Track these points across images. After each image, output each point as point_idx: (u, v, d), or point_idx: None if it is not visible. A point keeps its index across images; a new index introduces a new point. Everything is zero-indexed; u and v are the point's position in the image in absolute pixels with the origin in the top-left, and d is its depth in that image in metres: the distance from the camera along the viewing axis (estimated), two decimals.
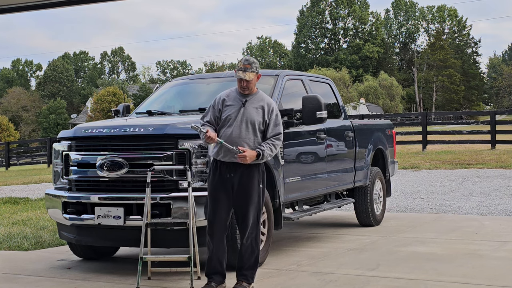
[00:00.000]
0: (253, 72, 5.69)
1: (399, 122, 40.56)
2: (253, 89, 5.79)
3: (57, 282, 6.56)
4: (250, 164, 5.63)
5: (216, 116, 5.79)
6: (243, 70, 5.67)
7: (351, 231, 9.20)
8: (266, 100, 5.82)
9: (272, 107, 5.79)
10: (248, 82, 5.69)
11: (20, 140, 58.17)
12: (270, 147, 5.66)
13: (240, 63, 5.72)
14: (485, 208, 11.01)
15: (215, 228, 5.71)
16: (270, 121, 5.73)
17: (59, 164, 7.08)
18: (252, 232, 5.69)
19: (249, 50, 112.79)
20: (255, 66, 5.71)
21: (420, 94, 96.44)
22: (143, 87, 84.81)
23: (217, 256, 5.72)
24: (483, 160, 18.55)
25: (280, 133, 5.77)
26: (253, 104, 5.74)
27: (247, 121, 5.67)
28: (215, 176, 5.72)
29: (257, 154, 5.58)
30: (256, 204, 5.69)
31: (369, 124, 10.16)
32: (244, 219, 5.68)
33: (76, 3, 6.98)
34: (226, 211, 5.72)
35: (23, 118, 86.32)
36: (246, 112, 5.70)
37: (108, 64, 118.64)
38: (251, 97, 5.77)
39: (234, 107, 5.73)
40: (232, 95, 5.82)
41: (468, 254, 7.30)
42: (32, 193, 17.17)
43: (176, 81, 8.97)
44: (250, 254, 5.71)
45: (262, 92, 5.92)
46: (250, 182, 5.66)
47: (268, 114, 5.74)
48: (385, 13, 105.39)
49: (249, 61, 5.70)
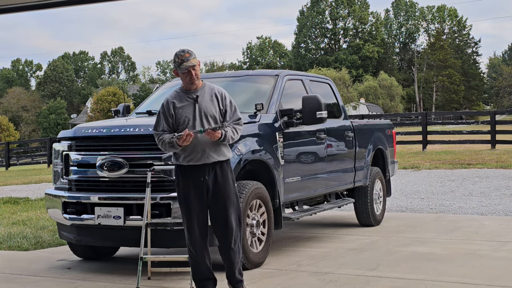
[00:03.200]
0: (195, 58, 5.42)
1: (399, 122, 40.57)
2: (199, 82, 5.51)
3: (57, 282, 6.56)
4: (221, 162, 5.41)
5: (170, 122, 5.45)
6: (186, 60, 5.37)
7: (351, 231, 9.20)
8: (216, 88, 5.53)
9: (224, 93, 5.52)
10: (195, 70, 5.39)
11: (20, 140, 58.19)
12: (232, 130, 5.40)
13: (177, 58, 5.40)
14: (485, 208, 11.01)
15: (194, 237, 5.45)
16: (226, 108, 5.48)
17: (59, 164, 7.08)
18: (237, 236, 5.47)
19: (249, 50, 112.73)
20: (193, 53, 5.44)
21: (420, 94, 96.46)
22: (143, 87, 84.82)
23: (203, 263, 5.50)
24: (483, 160, 18.56)
25: (240, 118, 5.50)
26: (205, 96, 5.48)
27: (206, 115, 5.41)
28: (186, 183, 5.41)
29: (221, 135, 5.30)
30: (235, 204, 5.47)
31: (369, 124, 10.17)
32: (227, 223, 5.43)
33: (76, 3, 6.97)
34: (203, 217, 5.46)
35: (23, 118, 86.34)
36: (202, 106, 5.43)
37: (108, 64, 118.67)
38: (200, 91, 5.49)
39: (187, 107, 5.45)
40: (179, 97, 5.52)
41: (468, 254, 7.30)
42: (32, 193, 17.16)
43: (176, 81, 8.96)
44: (238, 259, 5.51)
45: (208, 83, 5.63)
46: (225, 182, 5.42)
47: (223, 102, 5.47)
48: (385, 13, 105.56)
49: (185, 50, 5.43)
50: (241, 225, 5.57)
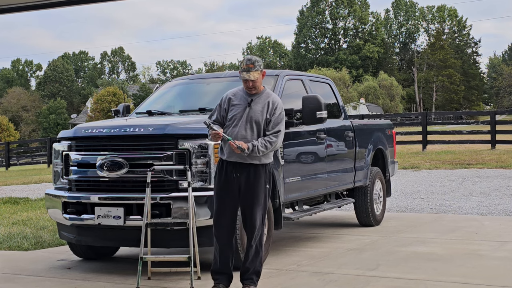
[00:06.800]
0: (257, 71, 5.59)
1: (399, 122, 40.53)
2: (259, 88, 5.70)
3: (57, 282, 6.56)
4: (256, 164, 5.56)
5: (222, 115, 5.71)
6: (247, 71, 5.56)
7: (351, 231, 9.20)
8: (272, 97, 5.70)
9: (277, 104, 5.66)
10: (253, 82, 5.59)
11: (20, 140, 58.16)
12: (265, 143, 5.50)
13: (243, 64, 5.61)
14: (485, 208, 11.01)
15: (220, 229, 5.64)
16: (271, 118, 5.61)
17: (59, 164, 7.08)
18: (258, 234, 5.62)
19: (249, 50, 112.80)
20: (258, 64, 5.60)
21: (420, 94, 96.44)
22: (143, 87, 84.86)
23: (223, 257, 5.65)
24: (483, 160, 18.56)
25: (279, 131, 5.61)
26: (259, 103, 5.64)
27: (251, 121, 5.58)
28: (221, 176, 5.64)
29: (248, 147, 5.43)
30: (262, 205, 5.62)
31: (369, 124, 10.17)
32: (251, 221, 5.59)
33: (76, 3, 6.97)
34: (233, 211, 5.64)
35: (23, 118, 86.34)
36: (251, 112, 5.60)
37: (108, 64, 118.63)
38: (257, 96, 5.67)
39: (240, 107, 5.64)
40: (239, 94, 5.72)
41: (468, 254, 7.30)
42: (32, 193, 17.16)
43: (176, 81, 8.97)
44: (255, 257, 5.63)
45: (268, 90, 5.80)
46: (256, 182, 5.57)
47: (272, 111, 5.62)
48: (385, 13, 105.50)
49: (252, 60, 5.60)
50: (263, 226, 5.70)
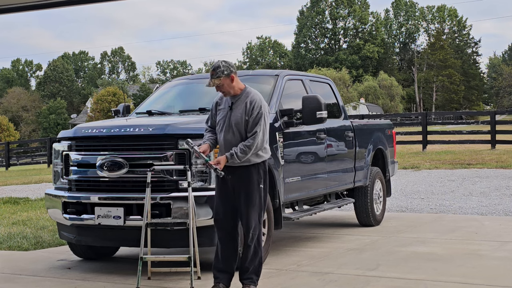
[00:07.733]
0: (219, 78, 5.47)
1: (399, 122, 40.55)
2: (235, 91, 5.58)
3: (57, 282, 6.56)
4: (247, 165, 5.54)
5: (214, 120, 5.77)
6: (209, 78, 5.53)
7: (351, 231, 9.20)
8: (250, 97, 5.57)
9: (254, 103, 5.51)
10: (219, 87, 5.55)
11: (20, 140, 58.16)
12: (243, 148, 5.44)
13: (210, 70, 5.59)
14: (485, 208, 11.01)
15: (220, 228, 5.68)
16: (250, 119, 5.51)
17: (59, 164, 7.08)
18: (254, 234, 5.62)
19: (249, 50, 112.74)
20: (219, 71, 5.47)
21: (420, 94, 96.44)
22: (143, 87, 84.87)
23: (223, 255, 5.68)
24: (483, 160, 18.56)
25: (256, 132, 5.46)
26: (239, 106, 5.57)
27: (232, 125, 5.55)
28: (218, 178, 5.69)
29: (226, 157, 5.46)
30: (257, 205, 5.60)
31: (369, 124, 10.17)
32: (246, 221, 5.60)
33: (76, 3, 6.96)
34: (231, 212, 5.66)
35: (23, 118, 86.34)
36: (232, 116, 5.56)
37: (108, 64, 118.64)
38: (237, 98, 5.60)
39: (224, 111, 5.64)
40: (224, 98, 5.70)
41: (468, 254, 7.30)
42: (32, 193, 17.16)
43: (176, 81, 8.97)
44: (254, 256, 5.64)
45: (249, 89, 5.67)
46: (248, 183, 5.57)
47: (249, 112, 5.50)
48: (385, 13, 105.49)
49: (214, 66, 5.52)
50: (260, 226, 5.69)
